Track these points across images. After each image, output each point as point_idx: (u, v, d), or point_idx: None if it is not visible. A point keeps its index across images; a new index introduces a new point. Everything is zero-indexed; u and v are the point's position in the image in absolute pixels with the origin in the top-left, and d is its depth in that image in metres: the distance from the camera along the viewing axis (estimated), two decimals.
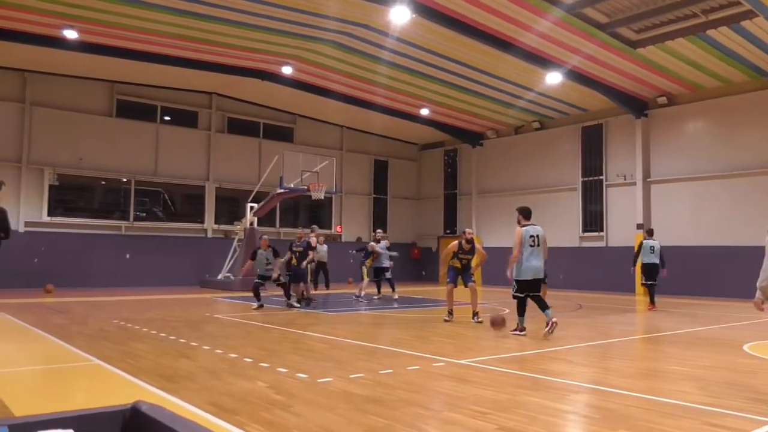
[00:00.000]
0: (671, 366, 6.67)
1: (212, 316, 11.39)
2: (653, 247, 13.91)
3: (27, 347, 7.73)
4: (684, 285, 18.86)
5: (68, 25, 16.23)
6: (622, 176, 21.19)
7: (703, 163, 19.10)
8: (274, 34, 17.31)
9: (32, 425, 1.53)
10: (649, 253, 13.87)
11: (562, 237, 22.51)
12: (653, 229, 15.79)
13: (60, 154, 19.96)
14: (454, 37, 16.37)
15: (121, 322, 10.14)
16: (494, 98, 21.60)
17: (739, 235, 17.78)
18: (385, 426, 4.10)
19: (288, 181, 19.60)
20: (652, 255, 13.85)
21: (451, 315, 10.72)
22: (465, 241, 10.75)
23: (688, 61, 17.15)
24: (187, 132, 22.84)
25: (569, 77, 18.42)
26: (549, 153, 23.68)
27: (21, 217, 19.15)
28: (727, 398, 4.97)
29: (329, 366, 6.36)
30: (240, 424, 4.07)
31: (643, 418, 4.35)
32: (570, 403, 4.95)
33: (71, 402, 4.85)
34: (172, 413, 1.63)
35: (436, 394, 5.17)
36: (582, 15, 14.76)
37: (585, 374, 6.27)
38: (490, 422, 4.19)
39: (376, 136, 27.59)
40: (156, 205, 22.55)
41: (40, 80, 19.86)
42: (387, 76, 20.10)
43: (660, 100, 19.95)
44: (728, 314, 12.85)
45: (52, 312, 11.71)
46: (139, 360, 6.55)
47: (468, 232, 11.04)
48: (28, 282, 18.14)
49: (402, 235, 28.01)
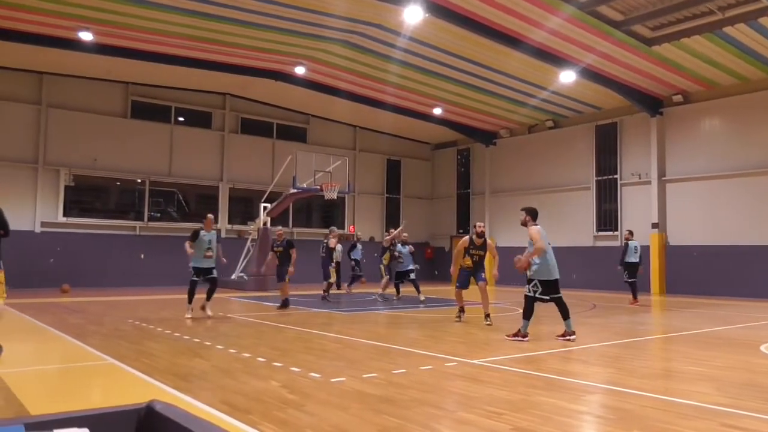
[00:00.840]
0: (687, 366, 6.60)
1: (225, 316, 11.44)
2: (636, 247, 14.90)
3: (44, 347, 7.82)
4: (699, 284, 18.70)
5: (83, 27, 16.39)
6: (636, 175, 21.01)
7: (719, 161, 18.89)
8: (286, 34, 17.36)
9: (48, 424, 1.53)
10: (633, 253, 14.80)
11: (576, 236, 22.39)
12: (632, 230, 15.76)
13: (75, 155, 20.17)
14: (467, 35, 16.32)
15: (136, 321, 10.22)
16: (507, 97, 21.51)
17: (755, 234, 17.58)
18: (398, 426, 4.09)
19: (301, 181, 19.65)
20: (635, 255, 14.80)
21: (462, 313, 10.65)
22: (476, 236, 10.30)
23: (704, 59, 16.97)
24: (200, 132, 22.99)
25: (583, 75, 18.30)
26: (563, 152, 23.54)
27: (37, 217, 19.40)
28: (745, 399, 4.91)
29: (342, 365, 6.36)
30: (253, 423, 4.08)
31: (659, 419, 4.30)
32: (584, 403, 4.91)
33: (86, 401, 4.89)
34: (187, 412, 1.64)
35: (449, 394, 5.15)
36: (596, 13, 14.65)
37: (599, 374, 6.22)
38: (505, 422, 4.16)
39: (388, 135, 27.61)
40: (170, 205, 22.70)
41: (56, 82, 20.07)
42: (400, 76, 20.09)
43: (675, 98, 19.76)
44: (744, 314, 12.70)
45: (69, 312, 11.83)
46: (153, 359, 6.59)
47: (479, 225, 10.57)
48: (44, 282, 18.35)
49: (415, 235, 27.91)
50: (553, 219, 23.46)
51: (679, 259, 19.51)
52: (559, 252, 11.64)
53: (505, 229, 25.20)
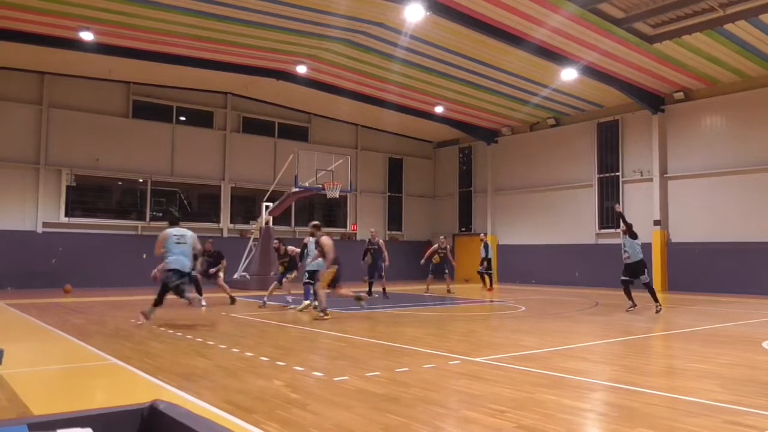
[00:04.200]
0: (690, 363, 6.59)
1: (228, 315, 11.44)
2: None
3: (46, 347, 7.82)
4: (701, 281, 18.69)
5: (84, 27, 16.39)
6: (638, 172, 20.99)
7: (721, 158, 18.86)
8: (288, 33, 17.35)
9: (51, 424, 1.53)
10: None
11: (578, 234, 22.37)
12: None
13: (77, 156, 20.18)
14: (469, 34, 16.30)
15: (138, 321, 10.22)
16: (509, 95, 21.49)
17: (757, 231, 17.55)
18: (402, 424, 4.09)
19: (303, 180, 19.65)
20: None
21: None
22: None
23: (705, 56, 16.94)
24: (202, 132, 22.99)
25: (585, 73, 18.28)
26: (565, 149, 23.51)
27: (39, 217, 19.41)
28: (749, 396, 4.90)
29: (345, 364, 6.36)
30: (257, 423, 4.08)
31: (664, 416, 4.29)
32: (588, 401, 4.90)
33: (90, 401, 4.89)
34: (190, 412, 1.63)
35: (452, 393, 5.14)
36: (597, 10, 14.62)
37: (603, 372, 6.22)
38: (509, 420, 4.16)
39: (390, 134, 27.60)
40: (172, 205, 22.72)
41: (57, 82, 20.09)
42: (401, 74, 20.07)
43: (677, 96, 19.73)
44: (747, 311, 12.68)
45: (71, 312, 11.84)
46: (156, 359, 6.59)
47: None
48: (46, 282, 18.38)
49: (417, 234, 28.02)
50: (556, 216, 23.48)
51: (681, 256, 19.48)
52: (561, 250, 11.63)
53: (508, 227, 25.20)
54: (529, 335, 8.77)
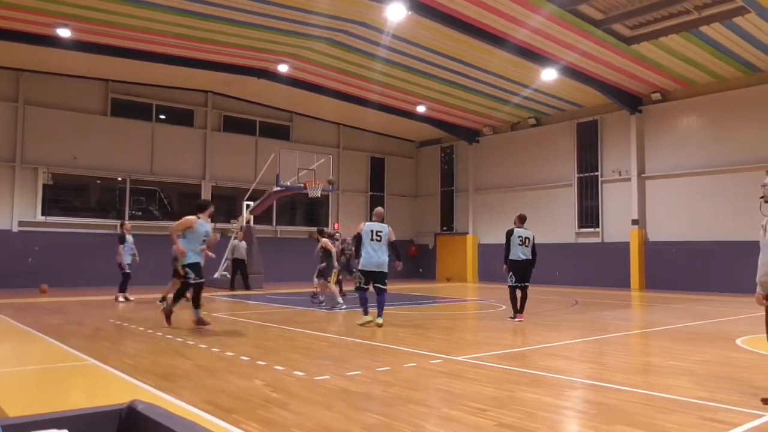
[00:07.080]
0: (667, 361, 6.69)
1: (209, 315, 11.35)
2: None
3: (22, 347, 7.71)
4: (678, 280, 18.98)
5: (62, 24, 16.16)
6: (617, 172, 21.24)
7: (697, 158, 19.16)
8: (270, 32, 17.26)
9: (27, 425, 1.51)
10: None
11: (558, 233, 22.57)
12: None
13: (54, 154, 19.88)
14: (450, 33, 16.37)
15: (117, 321, 10.11)
16: (490, 95, 21.61)
17: (732, 231, 17.84)
18: (383, 423, 4.10)
19: (285, 179, 19.56)
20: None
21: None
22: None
23: (681, 58, 17.20)
24: (183, 130, 22.79)
25: (564, 73, 18.45)
26: (545, 149, 23.71)
27: (15, 216, 19.10)
28: (722, 392, 4.99)
29: (327, 364, 6.36)
30: (237, 423, 4.06)
31: (641, 413, 4.36)
32: (568, 398, 4.96)
33: (66, 402, 4.83)
34: (169, 412, 1.63)
35: (433, 391, 5.16)
36: (577, 11, 14.78)
37: (582, 370, 6.29)
38: (489, 419, 4.19)
39: (372, 133, 27.60)
40: (152, 204, 22.49)
41: (34, 79, 19.76)
42: (383, 73, 20.09)
43: (654, 96, 20.01)
44: (721, 309, 12.89)
45: (47, 312, 11.67)
46: (135, 359, 6.53)
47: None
48: (22, 282, 18.07)
49: (399, 233, 27.91)
50: (536, 216, 23.58)
51: (659, 255, 19.76)
52: (541, 249, 11.73)
53: (489, 226, 25.32)
54: (510, 334, 8.83)
